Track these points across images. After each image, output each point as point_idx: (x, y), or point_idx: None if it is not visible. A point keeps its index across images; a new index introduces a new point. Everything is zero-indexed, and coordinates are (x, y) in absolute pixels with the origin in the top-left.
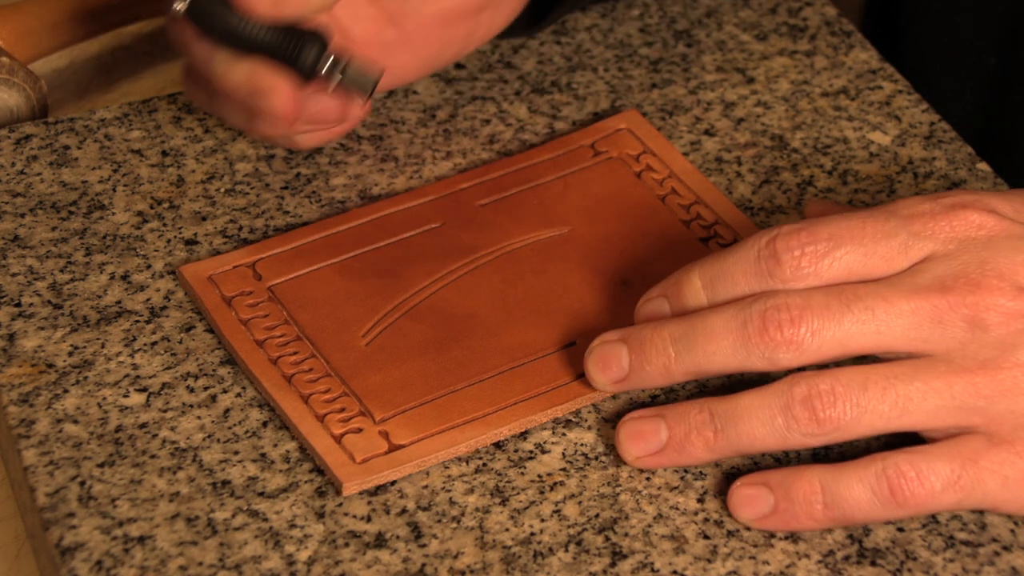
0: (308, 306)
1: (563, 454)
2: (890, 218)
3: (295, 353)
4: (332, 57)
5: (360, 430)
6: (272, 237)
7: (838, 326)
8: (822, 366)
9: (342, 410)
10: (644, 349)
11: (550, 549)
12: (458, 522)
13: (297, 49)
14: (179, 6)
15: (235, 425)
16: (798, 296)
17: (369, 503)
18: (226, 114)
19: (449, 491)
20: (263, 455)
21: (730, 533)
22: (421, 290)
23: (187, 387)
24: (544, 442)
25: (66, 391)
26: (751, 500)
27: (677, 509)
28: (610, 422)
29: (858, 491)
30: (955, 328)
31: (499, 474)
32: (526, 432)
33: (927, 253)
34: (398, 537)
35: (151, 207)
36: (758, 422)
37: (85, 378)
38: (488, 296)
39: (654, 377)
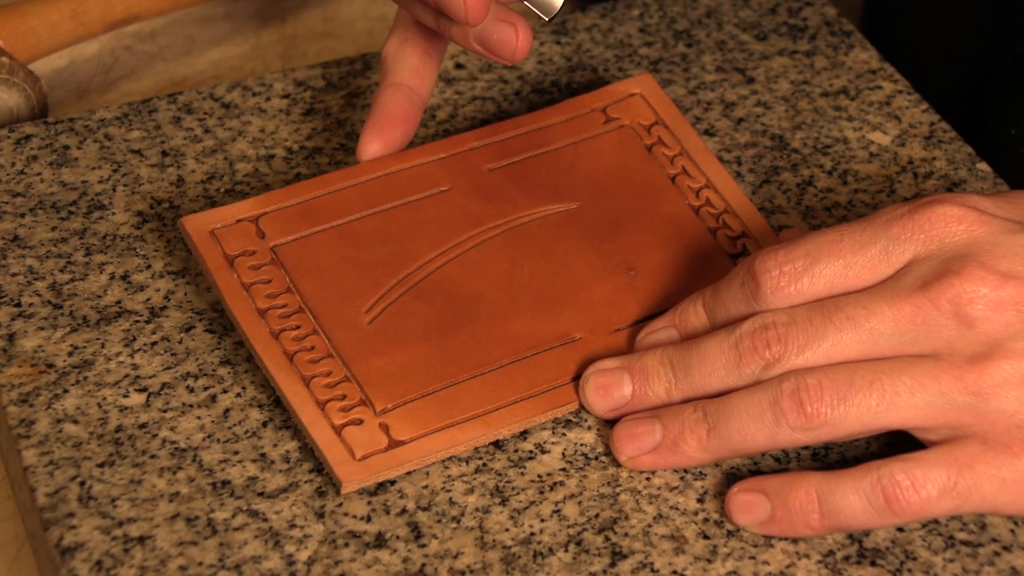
0: (311, 274)
1: (563, 454)
2: (868, 227)
3: (297, 327)
4: None
5: (360, 422)
6: (277, 190)
7: (823, 339)
8: None
9: (343, 397)
10: (647, 375)
11: (550, 549)
12: (458, 522)
13: None
14: None
15: (235, 425)
16: (783, 314)
17: (369, 503)
18: (416, 13)
19: (449, 491)
20: (263, 455)
21: (730, 533)
22: (426, 264)
23: (187, 387)
24: (544, 442)
25: (66, 391)
26: (748, 507)
27: (677, 509)
28: (610, 423)
29: (854, 500)
30: (940, 327)
31: (499, 474)
32: (526, 432)
33: (910, 256)
34: (398, 537)
35: (151, 207)
36: (748, 418)
37: (85, 378)
38: (494, 276)
39: (655, 404)
